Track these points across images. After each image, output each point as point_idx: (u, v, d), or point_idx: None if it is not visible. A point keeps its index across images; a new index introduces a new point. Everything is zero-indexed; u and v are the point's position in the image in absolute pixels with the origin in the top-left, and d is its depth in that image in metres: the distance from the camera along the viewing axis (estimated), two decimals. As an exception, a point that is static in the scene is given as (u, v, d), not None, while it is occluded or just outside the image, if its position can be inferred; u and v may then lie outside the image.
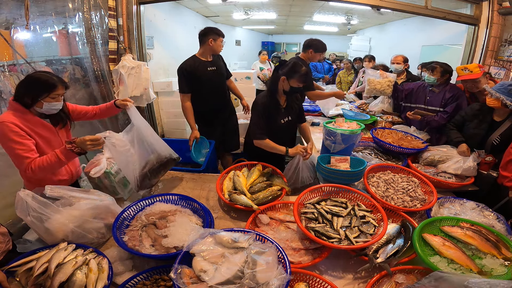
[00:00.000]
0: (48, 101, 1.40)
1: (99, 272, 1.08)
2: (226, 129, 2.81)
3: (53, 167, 1.37)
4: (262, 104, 1.87)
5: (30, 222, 1.18)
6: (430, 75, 2.48)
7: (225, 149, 2.91)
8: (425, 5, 3.35)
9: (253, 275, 0.95)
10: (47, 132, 1.48)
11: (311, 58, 2.94)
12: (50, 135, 1.49)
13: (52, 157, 1.35)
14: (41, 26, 2.58)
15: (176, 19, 5.22)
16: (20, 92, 1.38)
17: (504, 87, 1.82)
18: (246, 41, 9.69)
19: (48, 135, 1.48)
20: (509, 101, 1.77)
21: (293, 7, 5.86)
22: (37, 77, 1.39)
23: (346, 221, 1.36)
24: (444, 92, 2.47)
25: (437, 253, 1.22)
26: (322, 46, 2.89)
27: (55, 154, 1.35)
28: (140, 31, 3.43)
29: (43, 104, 1.39)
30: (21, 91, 1.38)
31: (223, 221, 1.55)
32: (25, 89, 1.37)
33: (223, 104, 2.75)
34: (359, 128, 2.02)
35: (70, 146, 1.35)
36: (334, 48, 10.02)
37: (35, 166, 1.33)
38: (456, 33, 3.96)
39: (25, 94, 1.37)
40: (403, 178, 1.82)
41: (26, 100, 1.37)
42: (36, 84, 1.38)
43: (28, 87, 1.38)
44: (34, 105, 1.39)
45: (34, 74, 1.42)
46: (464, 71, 2.21)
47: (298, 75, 1.76)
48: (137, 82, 3.29)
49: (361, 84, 4.65)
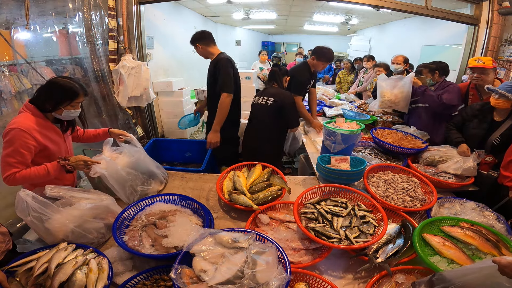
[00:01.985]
0: (68, 109, 1.41)
1: (99, 272, 1.08)
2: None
3: (39, 179, 1.35)
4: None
5: (30, 222, 1.18)
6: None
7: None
8: (425, 5, 3.35)
9: (253, 275, 0.95)
10: (56, 136, 1.49)
11: (315, 66, 2.87)
12: (59, 140, 1.50)
13: (41, 170, 1.34)
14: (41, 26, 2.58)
15: (176, 19, 5.23)
16: (41, 98, 1.38)
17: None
18: (246, 41, 9.69)
19: (57, 140, 1.49)
20: None
21: (293, 7, 5.86)
22: (61, 84, 1.38)
23: (346, 221, 1.36)
24: (440, 88, 2.50)
25: (437, 253, 1.22)
26: (325, 56, 2.77)
27: (45, 168, 1.34)
28: (140, 31, 3.43)
29: (63, 111, 1.41)
30: (42, 97, 1.38)
31: (223, 221, 1.55)
32: (48, 95, 1.37)
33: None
34: (359, 128, 2.02)
35: (64, 163, 1.36)
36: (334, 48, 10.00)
37: (20, 176, 1.30)
38: (456, 33, 3.96)
39: (47, 100, 1.37)
40: (403, 178, 1.82)
41: (46, 106, 1.38)
42: (59, 91, 1.38)
43: (51, 93, 1.37)
44: (53, 111, 1.40)
45: (58, 80, 1.40)
46: (477, 61, 2.22)
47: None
48: (137, 82, 3.29)
49: (361, 84, 4.66)
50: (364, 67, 4.73)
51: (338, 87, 5.48)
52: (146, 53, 3.65)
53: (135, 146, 1.70)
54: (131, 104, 3.41)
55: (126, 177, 1.57)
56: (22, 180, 1.32)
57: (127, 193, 1.57)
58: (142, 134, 3.75)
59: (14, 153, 1.29)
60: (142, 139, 3.73)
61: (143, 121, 3.87)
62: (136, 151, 1.68)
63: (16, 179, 1.30)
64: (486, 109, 1.99)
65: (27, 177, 1.31)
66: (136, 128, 3.64)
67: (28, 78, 2.42)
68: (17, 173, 1.30)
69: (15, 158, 1.29)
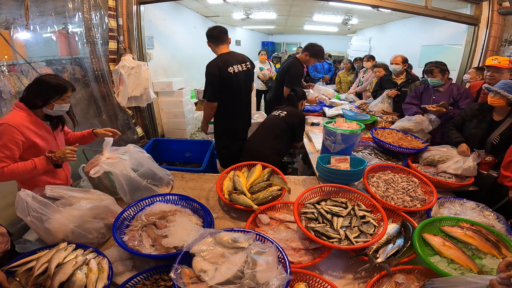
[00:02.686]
0: (59, 103, 1.46)
1: (99, 272, 1.08)
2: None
3: (26, 173, 1.39)
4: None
5: (30, 222, 1.18)
6: (433, 78, 2.53)
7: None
8: (425, 5, 3.36)
9: (253, 275, 0.95)
10: (46, 133, 1.52)
11: (306, 62, 3.05)
12: (48, 137, 1.54)
13: (28, 164, 1.38)
14: (41, 26, 2.58)
15: (176, 19, 5.23)
16: (31, 95, 1.43)
17: (508, 86, 1.81)
18: (246, 41, 9.70)
19: (47, 137, 1.53)
20: None
21: (293, 7, 5.86)
22: (48, 80, 1.44)
23: (346, 221, 1.36)
24: (450, 90, 2.52)
25: (437, 253, 1.22)
26: (317, 53, 2.96)
27: (33, 162, 1.39)
28: (140, 31, 3.44)
29: (54, 106, 1.45)
30: (32, 94, 1.43)
31: (223, 221, 1.55)
32: (38, 92, 1.42)
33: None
34: (359, 128, 2.03)
35: (50, 155, 1.40)
36: (334, 48, 10.02)
37: (8, 170, 1.34)
38: (456, 33, 3.96)
39: (37, 96, 1.42)
40: (403, 178, 1.82)
41: (37, 102, 1.42)
42: (48, 87, 1.43)
43: (40, 90, 1.42)
44: (44, 107, 1.44)
45: (44, 77, 1.46)
46: (493, 60, 2.24)
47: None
48: (137, 82, 3.29)
49: (361, 84, 4.66)
50: (364, 67, 4.73)
51: (338, 87, 5.48)
52: (146, 53, 3.66)
53: (140, 151, 1.70)
54: (131, 104, 3.41)
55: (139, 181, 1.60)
56: (10, 175, 1.35)
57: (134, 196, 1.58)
58: (142, 134, 3.75)
59: (2, 147, 1.33)
60: (142, 139, 3.73)
61: (143, 121, 3.87)
62: (142, 158, 1.68)
63: (4, 173, 1.33)
64: (485, 108, 1.99)
65: (15, 171, 1.35)
66: (136, 128, 3.64)
67: (28, 78, 2.42)
68: (5, 168, 1.33)
69: (3, 153, 1.33)
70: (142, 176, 1.64)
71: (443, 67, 2.52)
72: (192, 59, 5.95)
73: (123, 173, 1.52)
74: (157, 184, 1.73)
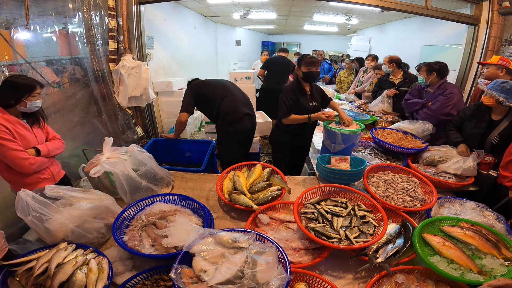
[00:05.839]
0: (31, 100, 1.56)
1: (99, 272, 1.08)
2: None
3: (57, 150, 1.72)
4: (289, 89, 2.25)
5: (30, 222, 1.18)
6: (419, 76, 2.60)
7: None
8: (425, 5, 3.36)
9: (253, 275, 0.95)
10: (24, 130, 1.60)
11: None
12: (27, 134, 1.61)
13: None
14: (41, 26, 2.58)
15: (176, 19, 5.22)
16: (2, 96, 1.52)
17: (497, 85, 1.84)
18: (246, 41, 9.69)
19: (26, 134, 1.60)
20: (501, 97, 1.80)
21: (293, 7, 5.85)
22: (15, 81, 1.55)
23: (346, 221, 1.36)
24: (437, 91, 2.49)
25: (437, 253, 1.22)
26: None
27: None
28: (140, 31, 3.43)
29: (27, 103, 1.55)
30: (2, 95, 1.52)
31: (223, 221, 1.55)
32: (7, 92, 1.52)
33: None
34: (359, 128, 2.03)
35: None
36: (334, 48, 10.03)
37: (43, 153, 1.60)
38: (456, 33, 3.96)
39: (8, 96, 1.52)
40: (403, 178, 1.82)
41: (9, 101, 1.52)
42: (17, 86, 1.53)
43: (10, 90, 1.52)
44: (17, 105, 1.54)
45: (12, 78, 1.56)
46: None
47: (303, 62, 2.16)
48: (137, 82, 3.29)
49: (361, 84, 4.66)
50: (365, 66, 4.73)
51: (338, 87, 5.47)
52: (146, 53, 3.65)
53: (142, 151, 1.71)
54: (131, 104, 3.41)
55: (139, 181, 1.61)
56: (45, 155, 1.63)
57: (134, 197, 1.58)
58: (142, 134, 3.75)
59: (5, 141, 1.44)
60: (142, 139, 3.73)
61: (143, 121, 3.87)
62: (145, 158, 1.69)
63: (36, 160, 1.56)
64: (483, 108, 1.99)
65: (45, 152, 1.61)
66: (136, 128, 3.64)
67: (28, 78, 2.42)
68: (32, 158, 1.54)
69: (13, 147, 1.46)
70: (143, 176, 1.64)
71: (432, 67, 2.48)
72: (192, 59, 5.95)
73: (124, 173, 1.53)
74: (157, 184, 1.73)
